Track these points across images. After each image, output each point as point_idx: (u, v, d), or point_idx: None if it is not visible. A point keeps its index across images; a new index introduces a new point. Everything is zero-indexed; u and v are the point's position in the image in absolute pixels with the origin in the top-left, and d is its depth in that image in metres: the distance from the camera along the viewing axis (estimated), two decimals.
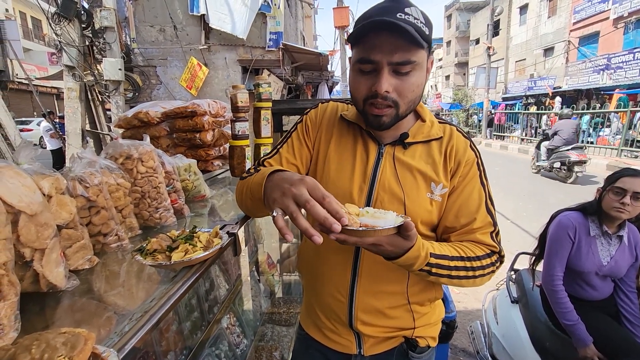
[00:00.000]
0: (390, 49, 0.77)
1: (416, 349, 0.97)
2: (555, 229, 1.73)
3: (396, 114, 0.84)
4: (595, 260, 1.66)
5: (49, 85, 17.87)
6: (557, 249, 1.70)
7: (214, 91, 5.99)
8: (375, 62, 0.79)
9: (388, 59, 0.78)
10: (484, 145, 15.91)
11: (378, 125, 0.86)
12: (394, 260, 0.76)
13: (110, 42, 5.02)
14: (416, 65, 0.80)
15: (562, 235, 1.70)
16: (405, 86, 0.81)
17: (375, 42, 0.78)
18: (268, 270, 2.42)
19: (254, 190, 0.80)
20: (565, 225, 1.70)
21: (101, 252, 0.92)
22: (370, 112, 0.84)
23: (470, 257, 0.84)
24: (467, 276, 0.83)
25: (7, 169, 0.65)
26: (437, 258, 0.79)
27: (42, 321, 0.66)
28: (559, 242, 1.70)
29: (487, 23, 18.29)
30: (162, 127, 1.82)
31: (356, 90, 0.86)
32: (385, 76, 0.79)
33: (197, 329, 1.41)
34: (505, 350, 2.00)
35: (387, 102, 0.81)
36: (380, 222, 0.68)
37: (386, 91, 0.80)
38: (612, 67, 14.48)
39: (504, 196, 6.70)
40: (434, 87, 39.26)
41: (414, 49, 0.78)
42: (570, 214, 1.74)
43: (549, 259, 1.73)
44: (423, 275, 0.81)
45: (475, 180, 0.90)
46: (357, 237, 0.67)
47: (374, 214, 0.72)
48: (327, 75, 10.02)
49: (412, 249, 0.74)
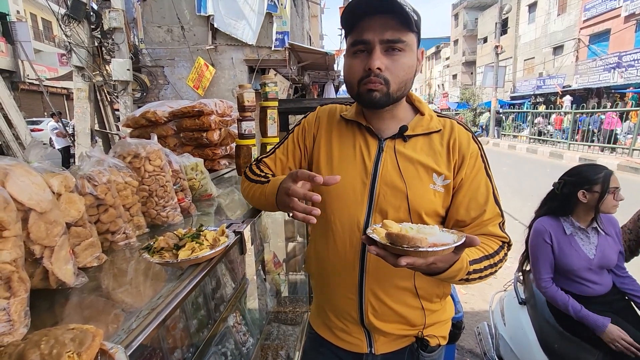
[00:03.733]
0: (381, 29, 0.81)
1: (427, 348, 0.97)
2: (533, 237, 1.81)
3: (387, 92, 0.85)
4: (581, 256, 1.70)
5: (59, 86, 18.12)
6: (537, 255, 1.78)
7: (220, 91, 6.03)
8: (367, 41, 0.82)
9: (379, 37, 0.81)
10: (492, 145, 15.75)
11: (370, 101, 0.87)
12: (437, 275, 0.73)
13: (118, 42, 5.08)
14: (406, 46, 0.83)
15: (539, 241, 1.77)
16: (396, 65, 0.84)
17: (368, 24, 0.82)
18: (274, 269, 2.43)
19: (269, 199, 0.90)
20: (539, 231, 1.77)
21: (109, 249, 0.93)
22: (364, 89, 0.86)
23: (492, 253, 0.85)
24: (491, 272, 0.84)
25: (18, 167, 0.66)
26: (472, 264, 0.79)
27: (51, 317, 0.67)
28: (538, 248, 1.77)
29: (495, 21, 18.11)
30: (169, 126, 1.83)
31: (350, 74, 0.88)
32: (377, 53, 0.82)
33: (204, 327, 1.41)
34: (513, 352, 1.98)
35: (379, 80, 0.83)
36: (432, 238, 0.65)
37: (378, 68, 0.82)
38: (623, 66, 14.25)
39: (512, 196, 6.63)
40: (441, 86, 39.00)
41: (404, 30, 0.82)
42: (542, 219, 1.80)
43: (534, 266, 1.81)
44: (460, 283, 0.82)
45: (482, 172, 0.91)
46: (423, 258, 0.64)
47: (420, 229, 0.69)
48: (333, 74, 10.02)
49: (457, 261, 0.72)
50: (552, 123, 13.94)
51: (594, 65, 16.17)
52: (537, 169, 9.29)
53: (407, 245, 0.61)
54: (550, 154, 11.80)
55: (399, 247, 0.62)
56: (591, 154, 10.60)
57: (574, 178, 1.73)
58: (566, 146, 12.16)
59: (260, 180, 0.99)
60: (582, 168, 1.77)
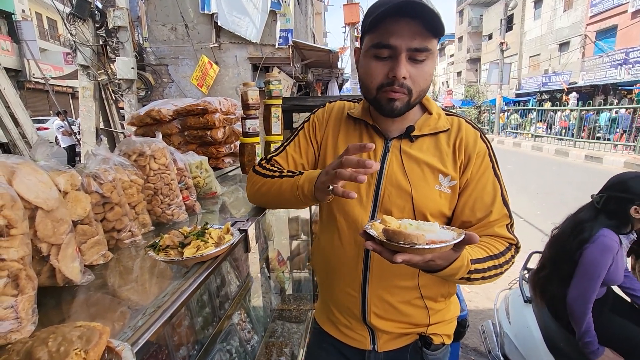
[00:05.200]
0: (410, 35, 0.77)
1: (430, 346, 0.96)
2: (600, 254, 1.56)
3: (408, 101, 0.84)
4: (624, 268, 1.62)
5: (65, 85, 18.23)
6: (599, 274, 1.56)
7: (224, 89, 6.04)
8: (394, 47, 0.78)
9: (407, 44, 0.78)
10: (497, 143, 15.65)
11: (391, 111, 0.84)
12: (437, 272, 0.73)
13: (123, 41, 5.09)
14: (430, 54, 0.80)
15: (607, 259, 1.55)
16: (420, 74, 0.81)
17: (394, 27, 0.77)
18: (278, 267, 2.43)
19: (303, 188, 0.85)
20: (611, 248, 1.56)
21: (115, 247, 0.94)
22: (384, 97, 0.84)
23: (497, 254, 0.83)
24: (496, 274, 0.83)
25: (25, 166, 0.66)
26: (474, 263, 0.78)
27: (58, 315, 0.67)
28: (604, 268, 1.56)
29: (501, 18, 17.95)
30: (174, 124, 1.84)
31: (369, 77, 0.84)
32: (404, 62, 0.79)
33: (209, 325, 1.42)
34: (518, 350, 1.96)
35: (403, 89, 0.81)
36: (431, 235, 0.64)
37: (404, 77, 0.80)
38: (630, 62, 14.07)
39: (517, 194, 6.59)
40: (445, 83, 38.77)
41: (431, 37, 0.78)
42: (610, 233, 1.58)
43: (587, 283, 1.58)
44: (462, 283, 0.80)
45: (489, 172, 0.89)
46: (420, 255, 0.63)
47: (419, 226, 0.68)
48: (337, 72, 10.00)
49: (457, 259, 0.71)
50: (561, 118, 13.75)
51: (600, 62, 15.97)
52: (543, 166, 9.22)
53: (404, 242, 0.60)
54: (555, 152, 11.71)
55: (395, 243, 0.61)
56: (597, 152, 10.49)
57: (623, 194, 1.57)
58: (572, 144, 12.05)
59: (274, 175, 0.96)
60: (630, 183, 1.58)
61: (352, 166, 0.70)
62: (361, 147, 0.71)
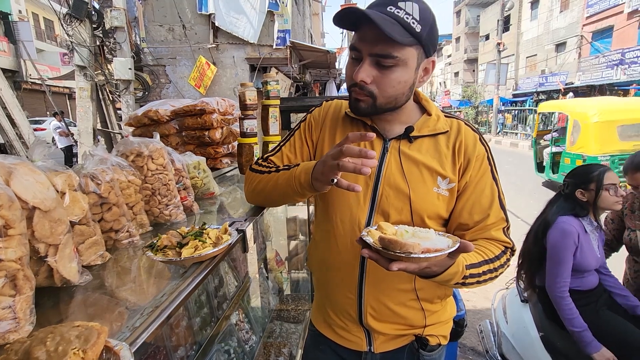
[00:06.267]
0: (372, 40, 0.78)
1: (427, 347, 0.97)
2: (559, 237, 1.70)
3: (373, 104, 0.84)
4: (594, 255, 1.71)
5: (62, 85, 18.16)
6: (562, 258, 1.68)
7: (222, 89, 6.03)
8: (359, 50, 0.81)
9: (369, 49, 0.79)
10: (494, 143, 15.70)
11: (356, 110, 0.87)
12: (432, 278, 0.73)
13: (120, 42, 5.09)
14: (399, 61, 0.79)
15: (568, 243, 1.67)
16: (384, 80, 0.81)
17: (362, 32, 0.79)
18: (276, 268, 2.43)
19: (299, 178, 0.84)
20: (569, 232, 1.68)
21: (113, 248, 0.94)
22: (352, 96, 0.86)
23: (492, 258, 0.84)
24: (491, 278, 0.83)
25: (22, 166, 0.66)
26: (469, 268, 0.78)
27: (56, 315, 0.67)
28: (566, 250, 1.68)
29: (497, 18, 18.00)
30: (171, 125, 1.84)
31: (346, 77, 0.88)
32: (365, 66, 0.80)
33: (207, 325, 1.42)
34: (515, 350, 1.97)
35: (364, 92, 0.83)
36: (427, 243, 0.64)
37: (362, 81, 0.81)
38: (626, 62, 14.14)
39: (515, 194, 6.61)
40: (442, 84, 38.87)
41: (397, 45, 0.76)
42: (569, 219, 1.71)
43: (555, 268, 1.69)
44: (457, 287, 0.81)
45: (487, 175, 0.89)
46: (416, 264, 0.63)
47: (415, 233, 0.68)
48: (334, 72, 9.99)
49: (453, 266, 0.72)
50: None
51: (596, 62, 16.04)
52: None
53: (400, 251, 0.61)
54: None
55: (391, 252, 0.62)
56: None
57: (573, 179, 1.77)
58: None
59: (271, 171, 0.96)
60: (578, 168, 1.83)
61: (353, 155, 0.68)
62: (362, 135, 0.70)
